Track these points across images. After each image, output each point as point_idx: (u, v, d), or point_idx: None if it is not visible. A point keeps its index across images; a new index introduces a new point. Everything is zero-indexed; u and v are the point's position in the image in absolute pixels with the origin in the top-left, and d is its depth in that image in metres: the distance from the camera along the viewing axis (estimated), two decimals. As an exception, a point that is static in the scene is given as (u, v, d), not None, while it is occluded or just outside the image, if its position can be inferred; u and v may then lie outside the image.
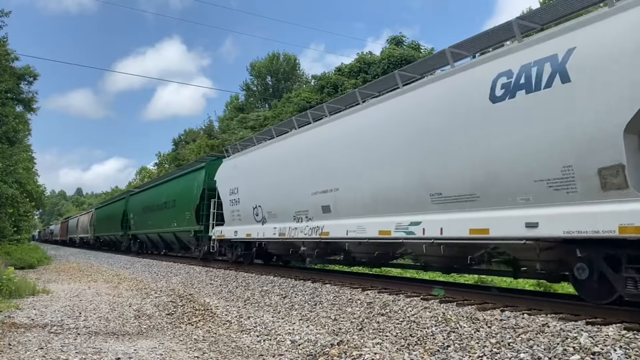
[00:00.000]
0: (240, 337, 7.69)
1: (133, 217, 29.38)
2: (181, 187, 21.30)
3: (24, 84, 33.89)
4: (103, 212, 41.05)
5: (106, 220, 38.39)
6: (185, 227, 20.26)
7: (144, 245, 29.40)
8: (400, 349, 6.13)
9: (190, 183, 20.09)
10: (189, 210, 19.69)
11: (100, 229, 40.89)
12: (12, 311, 9.44)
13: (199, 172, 19.61)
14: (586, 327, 5.48)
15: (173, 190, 22.42)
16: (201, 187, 18.81)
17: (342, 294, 9.03)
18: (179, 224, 21.12)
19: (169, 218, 22.30)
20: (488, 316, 6.39)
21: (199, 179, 19.35)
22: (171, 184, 23.46)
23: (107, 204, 41.85)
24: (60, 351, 6.46)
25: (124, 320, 9.11)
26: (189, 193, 19.94)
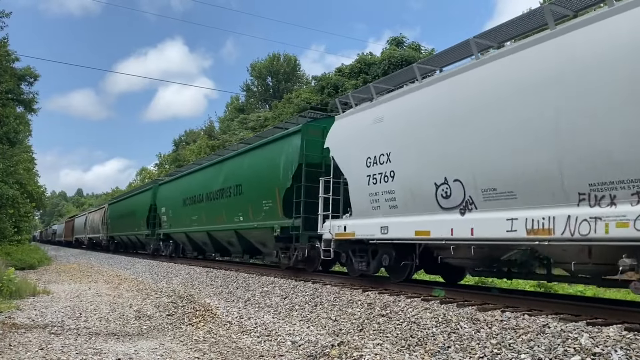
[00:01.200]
0: (240, 338, 7.69)
1: (166, 211, 22.91)
2: (256, 166, 14.82)
3: (25, 84, 33.97)
4: (119, 208, 33.97)
5: (124, 217, 31.64)
6: (261, 222, 14.05)
7: (179, 248, 22.88)
8: (401, 349, 6.13)
9: (274, 157, 13.63)
10: (271, 197, 13.47)
11: (117, 228, 34.28)
12: (13, 312, 9.45)
13: (290, 140, 13.06)
14: (587, 327, 5.48)
15: (239, 171, 15.92)
16: (295, 162, 12.34)
17: (342, 295, 9.03)
18: (248, 217, 14.90)
19: (230, 210, 16.07)
20: (489, 317, 6.39)
21: (289, 150, 12.88)
22: (235, 162, 16.60)
23: (124, 198, 34.48)
24: (60, 352, 6.46)
25: (125, 321, 9.11)
26: (271, 172, 13.53)
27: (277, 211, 13.12)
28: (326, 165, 11.61)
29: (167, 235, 23.49)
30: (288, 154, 12.85)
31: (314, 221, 11.62)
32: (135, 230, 28.69)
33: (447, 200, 8.16)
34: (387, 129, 9.50)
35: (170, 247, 23.41)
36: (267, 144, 14.55)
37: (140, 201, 28.14)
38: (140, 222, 27.34)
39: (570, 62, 6.42)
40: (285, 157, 12.94)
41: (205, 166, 19.52)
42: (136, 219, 28.18)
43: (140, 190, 30.66)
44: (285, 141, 13.36)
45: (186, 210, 20.24)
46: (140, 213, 27.41)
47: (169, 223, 22.74)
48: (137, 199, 29.47)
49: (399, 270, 9.73)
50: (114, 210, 35.45)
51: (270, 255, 14.71)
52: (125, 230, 31.44)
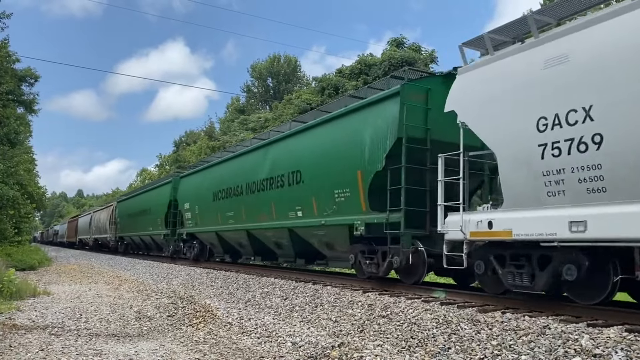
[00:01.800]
0: (241, 339, 7.69)
1: (190, 208, 19.69)
2: (323, 146, 11.47)
3: (25, 85, 34.01)
4: (131, 206, 30.38)
5: (136, 215, 28.43)
6: (331, 219, 10.92)
7: (206, 250, 20.05)
8: (401, 350, 6.13)
9: (354, 133, 10.43)
10: (349, 185, 10.30)
11: (127, 228, 31.03)
12: (13, 313, 9.45)
13: (382, 107, 9.83)
14: (587, 329, 5.47)
15: (295, 155, 12.55)
16: (392, 137, 9.25)
17: (342, 296, 9.03)
18: (310, 212, 11.75)
19: (282, 204, 12.92)
20: (489, 318, 6.38)
21: (381, 120, 9.70)
22: (288, 144, 13.16)
23: (137, 194, 30.80)
24: (61, 353, 6.46)
25: (125, 322, 9.11)
26: (350, 152, 10.32)
27: (358, 203, 9.99)
28: (432, 141, 9.15)
29: (191, 236, 20.36)
30: (378, 126, 9.63)
31: (419, 216, 9.04)
32: (150, 229, 25.41)
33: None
34: (581, 71, 6.33)
35: (195, 248, 20.20)
36: (341, 116, 10.98)
37: (157, 197, 24.74)
38: (156, 221, 24.24)
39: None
40: (374, 130, 9.72)
41: (244, 152, 16.06)
42: (151, 217, 25.12)
43: (157, 184, 26.68)
44: (373, 110, 10.00)
45: (218, 206, 17.01)
46: (156, 210, 24.34)
47: (194, 221, 19.44)
48: (152, 195, 26.04)
49: (590, 287, 6.55)
50: (124, 208, 32.04)
51: (339, 260, 11.81)
52: (138, 230, 28.19)
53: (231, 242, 17.10)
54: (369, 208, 9.73)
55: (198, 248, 20.13)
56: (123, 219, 31.94)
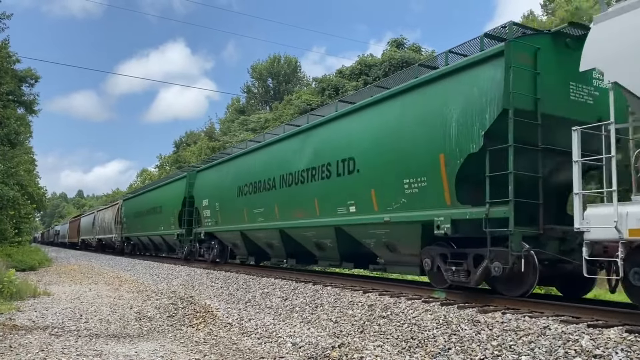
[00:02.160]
0: (241, 340, 7.69)
1: (210, 205, 17.72)
2: (388, 125, 9.43)
3: (26, 86, 34.01)
4: (139, 204, 28.30)
5: (145, 214, 26.36)
6: (400, 214, 9.01)
7: (227, 251, 17.94)
8: (402, 351, 6.12)
9: (435, 108, 8.44)
10: (425, 172, 8.48)
11: (134, 227, 28.93)
12: (13, 313, 9.45)
13: (476, 73, 7.87)
14: (587, 329, 5.47)
15: (346, 140, 10.55)
16: (494, 109, 7.38)
17: (343, 297, 9.03)
18: (367, 207, 9.80)
19: (328, 198, 10.94)
20: (489, 319, 6.38)
21: (476, 89, 7.76)
22: (336, 128, 11.15)
23: (145, 192, 28.49)
24: (61, 353, 6.46)
25: (125, 322, 9.11)
26: (429, 133, 8.43)
27: (439, 195, 8.07)
28: (543, 115, 7.39)
29: (210, 235, 18.32)
30: (472, 96, 7.65)
31: (530, 210, 7.43)
32: (161, 229, 23.29)
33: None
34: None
35: (215, 249, 18.18)
36: (413, 89, 8.87)
37: (169, 194, 22.55)
38: (168, 220, 22.05)
39: None
40: (465, 102, 7.71)
41: (276, 140, 13.93)
42: (163, 215, 23.01)
43: (169, 180, 24.31)
44: (463, 77, 7.94)
45: (243, 202, 14.99)
46: (168, 208, 22.18)
47: (214, 219, 17.37)
48: (164, 192, 23.83)
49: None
50: (131, 207, 29.82)
51: (402, 265, 9.80)
52: (147, 230, 26.06)
53: (258, 243, 15.00)
54: (456, 201, 7.82)
55: (218, 249, 18.09)
56: (130, 218, 29.91)
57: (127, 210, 30.68)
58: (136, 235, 28.63)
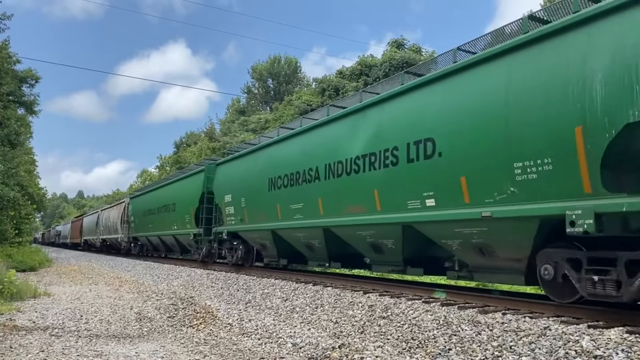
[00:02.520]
0: (241, 340, 7.69)
1: (233, 201, 15.51)
2: (518, 82, 6.93)
3: (26, 86, 34.03)
4: (148, 202, 26.34)
5: (155, 213, 24.47)
6: (535, 205, 6.65)
7: (252, 252, 15.86)
8: (402, 352, 6.12)
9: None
10: (593, 139, 5.94)
11: (143, 227, 26.92)
12: (14, 314, 9.45)
13: None
14: (588, 330, 5.47)
15: (448, 108, 8.03)
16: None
17: (343, 297, 9.03)
18: (450, 198, 7.93)
19: (403, 187, 8.84)
20: (489, 319, 6.38)
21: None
22: (439, 91, 8.36)
23: (155, 189, 26.33)
24: (61, 354, 6.46)
25: (125, 323, 9.11)
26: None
27: (574, 181, 6.20)
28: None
29: (233, 235, 16.14)
30: (628, 44, 5.78)
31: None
32: (174, 228, 21.47)
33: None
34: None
35: (239, 251, 16.01)
36: (530, 43, 6.87)
37: (185, 190, 20.53)
38: (182, 218, 20.29)
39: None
40: (618, 56, 5.87)
41: (316, 125, 11.80)
42: (176, 214, 21.22)
43: (184, 175, 22.11)
44: (613, 22, 6.05)
45: (276, 197, 12.91)
46: (183, 206, 20.30)
47: (239, 217, 15.22)
48: (178, 188, 21.83)
49: None
50: (140, 205, 27.89)
51: (498, 272, 7.85)
52: (157, 230, 24.14)
53: (294, 244, 12.88)
54: (602, 188, 5.88)
55: (242, 251, 15.88)
56: (138, 217, 27.83)
57: (135, 209, 28.80)
58: (145, 235, 26.62)
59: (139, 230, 27.84)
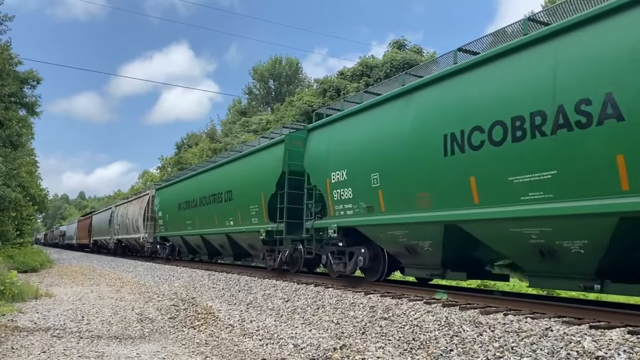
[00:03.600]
0: (242, 341, 7.68)
1: (346, 181, 10.49)
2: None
3: (27, 87, 34.06)
4: (185, 191, 20.66)
5: (197, 206, 18.94)
6: None
7: (381, 260, 10.41)
8: (403, 353, 6.12)
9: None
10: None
11: (177, 224, 21.37)
12: (15, 315, 9.46)
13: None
14: (590, 331, 5.46)
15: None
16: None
17: (344, 298, 9.03)
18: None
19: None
20: (491, 320, 6.37)
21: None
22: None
23: (198, 173, 20.13)
24: (62, 355, 6.47)
25: (127, 324, 9.11)
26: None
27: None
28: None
29: (349, 231, 10.76)
30: None
31: None
32: (230, 224, 15.88)
33: None
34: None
35: (365, 257, 10.35)
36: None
37: (249, 172, 14.90)
38: (245, 210, 14.68)
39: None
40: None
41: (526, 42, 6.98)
42: (232, 205, 15.64)
43: (247, 151, 15.96)
44: None
45: (469, 164, 7.48)
46: (246, 193, 14.71)
47: (364, 202, 9.95)
48: (236, 170, 16.09)
49: None
50: (172, 197, 22.39)
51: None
52: (200, 227, 18.62)
53: (480, 244, 7.97)
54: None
55: (368, 256, 10.32)
56: (169, 211, 22.51)
57: (163, 202, 23.59)
58: (179, 234, 21.13)
59: (170, 228, 22.51)
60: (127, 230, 29.79)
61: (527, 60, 6.87)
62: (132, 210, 29.02)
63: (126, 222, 30.05)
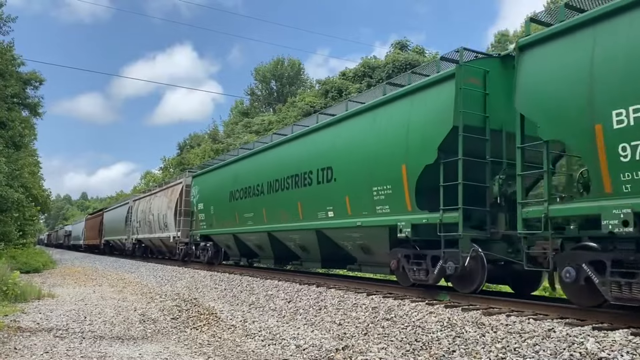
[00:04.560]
0: (245, 342, 7.68)
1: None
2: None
3: (30, 88, 34.16)
4: (240, 176, 16.22)
5: (261, 194, 14.60)
6: None
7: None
8: (406, 353, 6.11)
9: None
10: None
11: (225, 220, 17.09)
12: (18, 315, 9.47)
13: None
14: (593, 332, 5.45)
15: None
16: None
17: (346, 299, 9.02)
18: None
19: None
20: (494, 321, 6.36)
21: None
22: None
23: (266, 149, 15.13)
24: (65, 355, 6.47)
25: (129, 324, 9.12)
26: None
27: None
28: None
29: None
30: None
31: None
32: (326, 216, 11.50)
33: None
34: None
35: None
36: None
37: (373, 133, 10.06)
38: (358, 196, 10.35)
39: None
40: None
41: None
42: (331, 189, 11.26)
43: (371, 104, 10.46)
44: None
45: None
46: (363, 169, 10.18)
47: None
48: (343, 133, 11.18)
49: None
50: (219, 185, 17.85)
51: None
52: (269, 221, 14.18)
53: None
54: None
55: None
56: (215, 203, 18.00)
57: (205, 192, 19.14)
58: (231, 231, 16.66)
59: (215, 224, 18.00)
60: (152, 228, 24.84)
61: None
62: (158, 204, 24.30)
63: (149, 219, 25.24)
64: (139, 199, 29.86)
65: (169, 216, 22.19)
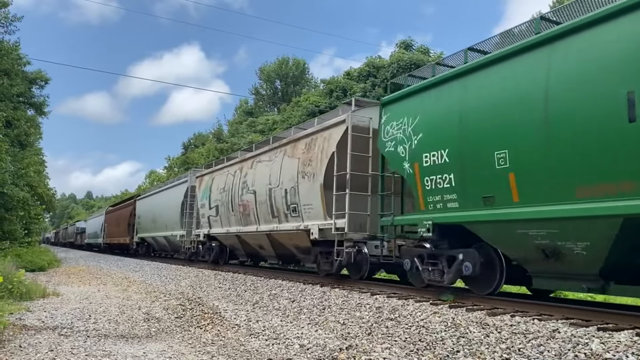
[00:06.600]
0: (249, 341, 7.69)
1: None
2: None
3: (36, 88, 34.30)
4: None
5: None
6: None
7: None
8: (410, 353, 6.10)
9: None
10: None
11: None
12: (23, 313, 9.51)
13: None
14: (597, 333, 5.43)
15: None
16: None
17: (350, 299, 9.02)
18: None
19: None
20: (498, 321, 6.35)
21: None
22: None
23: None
24: (70, 353, 6.49)
25: (133, 323, 9.14)
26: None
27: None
28: None
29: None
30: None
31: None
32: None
33: None
34: None
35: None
36: None
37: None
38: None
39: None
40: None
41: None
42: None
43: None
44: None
45: None
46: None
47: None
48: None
49: None
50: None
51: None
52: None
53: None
54: None
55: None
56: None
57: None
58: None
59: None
60: (230, 220, 17.55)
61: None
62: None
63: (239, 201, 17.64)
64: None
65: (281, 203, 13.29)
